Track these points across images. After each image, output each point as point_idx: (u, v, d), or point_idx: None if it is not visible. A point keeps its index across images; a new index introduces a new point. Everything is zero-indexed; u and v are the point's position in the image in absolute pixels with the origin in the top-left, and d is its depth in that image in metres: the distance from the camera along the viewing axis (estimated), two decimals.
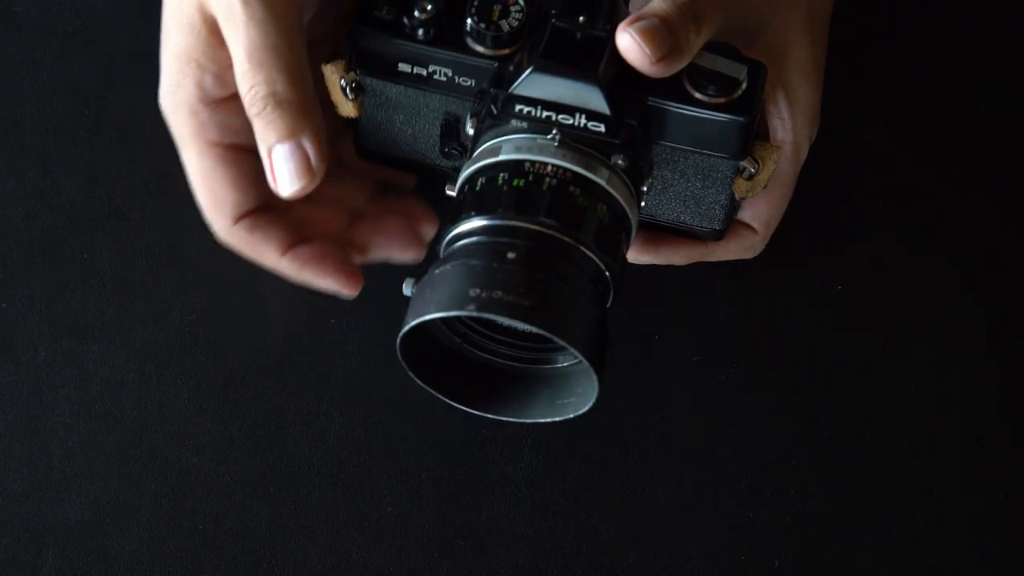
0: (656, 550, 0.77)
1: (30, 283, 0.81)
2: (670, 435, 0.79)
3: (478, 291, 0.67)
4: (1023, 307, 0.82)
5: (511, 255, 0.68)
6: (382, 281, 0.80)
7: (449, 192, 0.74)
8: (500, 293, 0.67)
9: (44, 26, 0.85)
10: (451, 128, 0.75)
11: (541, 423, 0.72)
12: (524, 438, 0.78)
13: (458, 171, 0.74)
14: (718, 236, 0.78)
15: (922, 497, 0.78)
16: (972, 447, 0.79)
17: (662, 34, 0.70)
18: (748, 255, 0.80)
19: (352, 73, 0.75)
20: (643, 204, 0.74)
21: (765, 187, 0.75)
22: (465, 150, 0.75)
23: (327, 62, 0.75)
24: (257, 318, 0.80)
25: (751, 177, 0.74)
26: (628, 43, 0.70)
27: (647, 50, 0.70)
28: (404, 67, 0.74)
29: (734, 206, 0.77)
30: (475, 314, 0.67)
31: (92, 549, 0.76)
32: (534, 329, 0.67)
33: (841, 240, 0.83)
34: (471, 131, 0.73)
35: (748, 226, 0.79)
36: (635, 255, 0.78)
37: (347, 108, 0.76)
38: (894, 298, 0.82)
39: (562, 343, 0.67)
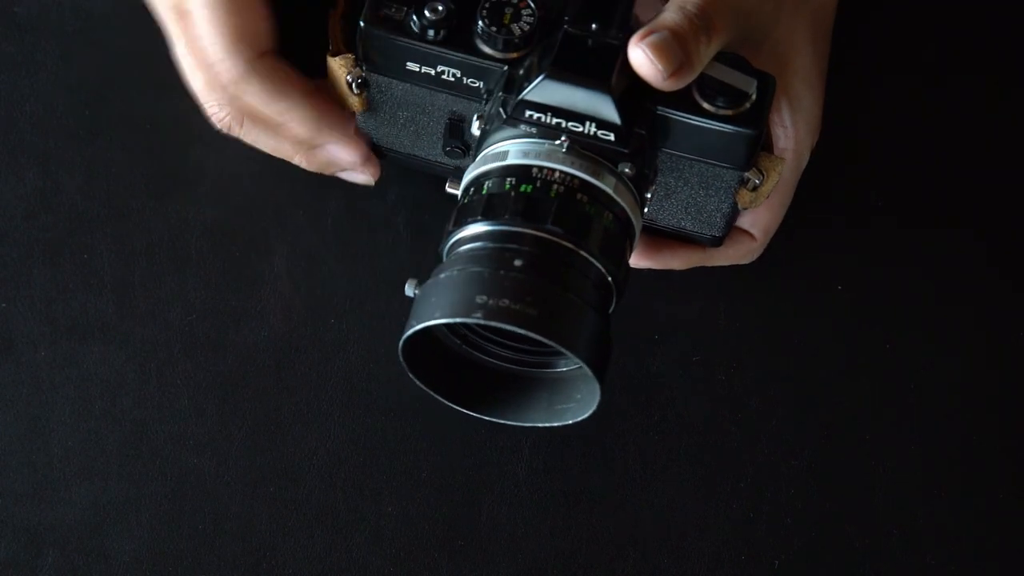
0: (656, 550, 0.77)
1: (30, 283, 0.81)
2: (670, 435, 0.79)
3: (485, 298, 0.66)
4: (1023, 306, 0.82)
5: (518, 262, 0.67)
6: (381, 281, 0.80)
7: (451, 190, 0.73)
8: (507, 301, 0.66)
9: (44, 26, 0.85)
10: (456, 127, 0.75)
11: (540, 427, 0.72)
12: (524, 438, 0.78)
13: (460, 169, 0.74)
14: (717, 242, 0.78)
15: (922, 497, 0.78)
16: (972, 447, 0.79)
17: (673, 48, 0.69)
18: (746, 261, 0.80)
19: (359, 69, 0.74)
20: (646, 210, 0.74)
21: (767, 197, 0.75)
22: (468, 149, 0.74)
23: (333, 56, 0.75)
24: (257, 318, 0.80)
25: (755, 188, 0.73)
26: (640, 58, 0.69)
27: (659, 65, 0.69)
28: (412, 66, 0.73)
29: (735, 214, 0.76)
30: (482, 322, 0.66)
31: (92, 549, 0.76)
32: (540, 338, 0.67)
33: (841, 240, 0.83)
34: (477, 132, 0.73)
35: (747, 233, 0.79)
36: (635, 260, 0.78)
37: (352, 102, 0.76)
38: (894, 298, 0.82)
39: (568, 353, 0.67)
